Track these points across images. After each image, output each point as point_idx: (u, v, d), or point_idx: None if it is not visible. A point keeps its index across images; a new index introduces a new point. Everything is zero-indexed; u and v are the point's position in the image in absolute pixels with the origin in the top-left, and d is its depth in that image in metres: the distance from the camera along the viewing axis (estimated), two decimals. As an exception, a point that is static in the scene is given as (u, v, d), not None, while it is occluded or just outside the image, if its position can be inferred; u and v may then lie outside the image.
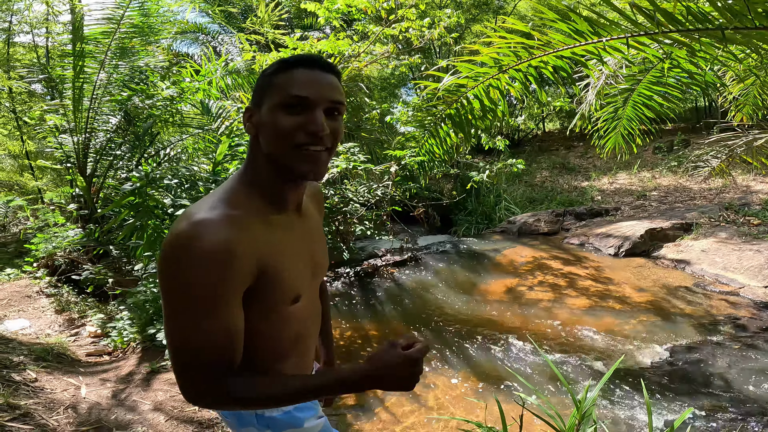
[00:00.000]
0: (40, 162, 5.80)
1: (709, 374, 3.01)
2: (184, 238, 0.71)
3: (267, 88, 0.80)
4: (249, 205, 0.80)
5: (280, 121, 0.77)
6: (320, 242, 0.99)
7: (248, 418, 0.92)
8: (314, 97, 0.77)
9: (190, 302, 0.71)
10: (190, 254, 0.70)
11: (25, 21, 5.81)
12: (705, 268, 4.96)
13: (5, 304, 3.76)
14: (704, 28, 1.86)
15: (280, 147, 0.78)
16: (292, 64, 0.79)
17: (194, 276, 0.70)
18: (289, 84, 0.77)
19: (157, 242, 2.87)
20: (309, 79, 0.78)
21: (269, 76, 0.80)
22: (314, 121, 0.77)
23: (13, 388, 2.18)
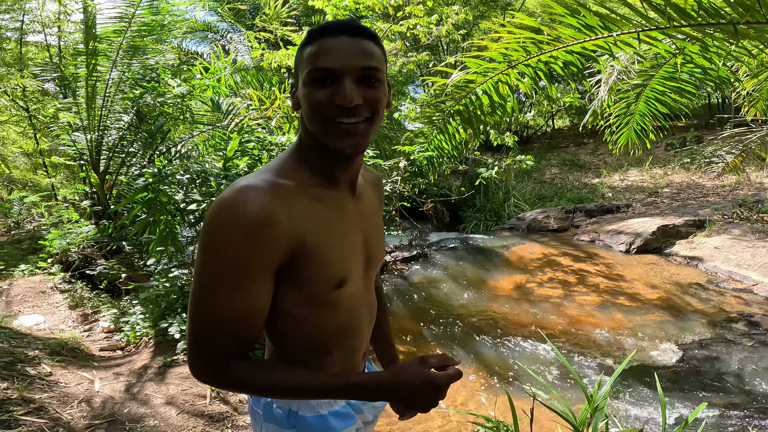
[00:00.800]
0: (54, 159, 5.89)
1: (721, 371, 2.99)
2: (224, 202, 0.69)
3: (299, 62, 0.77)
4: (296, 178, 0.77)
5: (311, 95, 0.73)
6: (377, 231, 0.93)
7: (277, 412, 0.86)
8: (339, 66, 0.72)
9: (216, 272, 0.69)
10: (225, 219, 0.68)
11: (37, 20, 5.89)
12: (718, 265, 4.90)
13: (20, 299, 3.83)
14: (716, 22, 1.83)
15: (315, 122, 0.75)
16: (318, 33, 0.74)
17: (225, 243, 0.67)
18: (314, 56, 0.73)
19: (169, 237, 2.91)
20: (335, 47, 0.72)
21: (300, 49, 0.77)
22: (340, 93, 0.71)
23: (28, 382, 2.23)
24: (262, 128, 4.01)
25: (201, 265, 0.70)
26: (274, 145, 3.42)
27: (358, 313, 0.89)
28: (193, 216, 3.00)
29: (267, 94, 4.68)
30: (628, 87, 3.71)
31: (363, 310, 0.90)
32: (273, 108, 4.41)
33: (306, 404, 0.86)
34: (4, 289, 3.97)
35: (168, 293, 2.99)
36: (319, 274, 0.76)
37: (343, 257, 0.80)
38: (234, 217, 0.67)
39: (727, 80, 3.85)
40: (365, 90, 0.74)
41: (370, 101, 0.74)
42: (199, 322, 0.71)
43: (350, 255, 0.83)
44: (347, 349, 0.89)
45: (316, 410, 0.86)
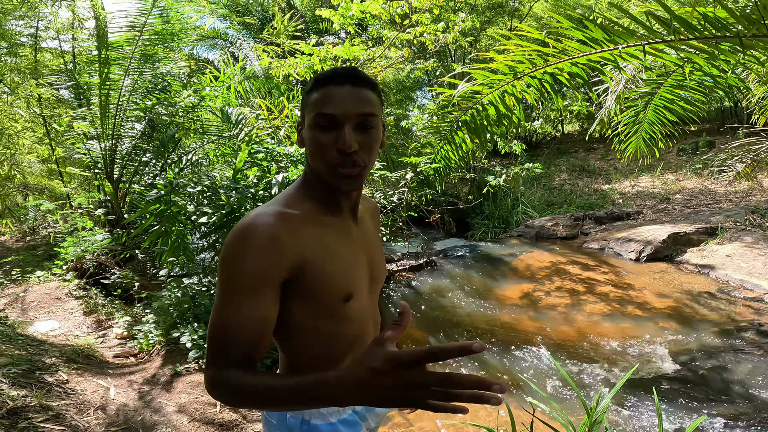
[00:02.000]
0: (69, 169, 6.01)
1: (729, 381, 2.97)
2: (239, 229, 0.78)
3: (305, 105, 0.85)
4: (302, 207, 0.85)
5: (315, 138, 0.81)
6: (378, 253, 1.01)
7: (290, 422, 0.92)
8: (341, 113, 0.79)
9: (231, 286, 0.76)
10: (239, 242, 0.76)
11: (51, 27, 6.01)
12: (729, 274, 4.84)
13: (36, 305, 3.92)
14: (722, 35, 1.84)
15: (318, 164, 0.83)
16: (325, 80, 0.82)
17: (238, 262, 0.76)
18: (320, 102, 0.80)
19: (180, 248, 2.97)
20: (338, 95, 0.80)
21: (307, 93, 0.85)
22: (341, 138, 0.79)
23: (46, 390, 2.29)
24: (270, 138, 4.07)
25: (218, 280, 0.79)
26: (282, 155, 3.47)
27: (366, 325, 0.96)
28: (205, 227, 3.06)
29: (275, 102, 4.75)
30: (636, 96, 3.71)
31: (369, 323, 0.97)
32: (281, 117, 4.47)
33: (318, 413, 0.92)
34: (20, 296, 4.07)
35: (180, 302, 3.05)
36: (326, 289, 0.83)
37: (349, 274, 0.88)
38: (246, 238, 0.76)
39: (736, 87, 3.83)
40: (362, 135, 0.82)
41: (365, 146, 0.82)
42: (214, 327, 0.77)
43: (356, 272, 0.90)
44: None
45: (327, 419, 0.92)
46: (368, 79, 0.84)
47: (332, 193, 0.88)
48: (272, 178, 3.24)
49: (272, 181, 3.23)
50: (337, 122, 0.80)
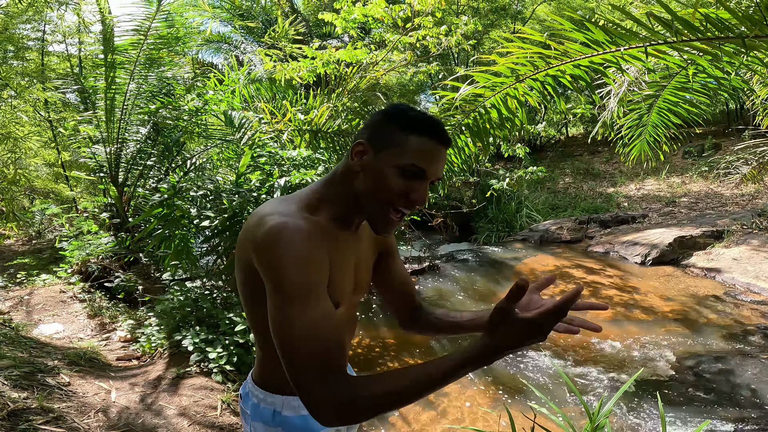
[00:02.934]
0: (75, 173, 6.05)
1: (736, 385, 2.94)
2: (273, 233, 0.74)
3: (393, 141, 0.82)
4: (317, 214, 0.85)
5: (393, 180, 0.81)
6: (366, 264, 1.02)
7: (263, 412, 0.94)
8: (430, 172, 0.82)
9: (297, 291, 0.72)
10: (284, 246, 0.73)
11: (58, 31, 6.05)
12: (736, 277, 4.79)
13: (40, 308, 3.94)
14: (724, 36, 1.83)
15: (378, 200, 0.83)
16: (431, 132, 0.82)
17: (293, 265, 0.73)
18: (417, 152, 0.80)
19: (183, 252, 2.97)
20: (432, 152, 0.82)
21: (401, 130, 0.82)
22: (421, 194, 0.82)
23: (47, 392, 2.29)
24: (273, 142, 4.08)
25: (279, 292, 0.73)
26: (285, 159, 3.47)
27: (346, 330, 0.99)
28: (207, 231, 3.06)
29: (278, 106, 4.77)
30: (640, 98, 3.69)
31: (346, 327, 1.00)
32: (284, 121, 4.49)
33: (289, 405, 0.94)
34: (25, 298, 4.09)
35: (182, 306, 3.05)
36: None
37: (341, 284, 0.89)
38: (290, 242, 0.74)
39: (741, 89, 3.80)
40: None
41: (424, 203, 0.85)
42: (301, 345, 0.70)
43: (346, 282, 0.93)
44: None
45: (298, 411, 0.94)
46: (450, 141, 0.86)
47: (351, 212, 0.88)
48: (275, 182, 3.24)
49: (275, 185, 3.24)
50: (422, 176, 0.82)
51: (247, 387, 1.01)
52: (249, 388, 0.99)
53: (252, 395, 0.98)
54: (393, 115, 0.84)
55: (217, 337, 2.82)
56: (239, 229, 3.14)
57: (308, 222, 0.80)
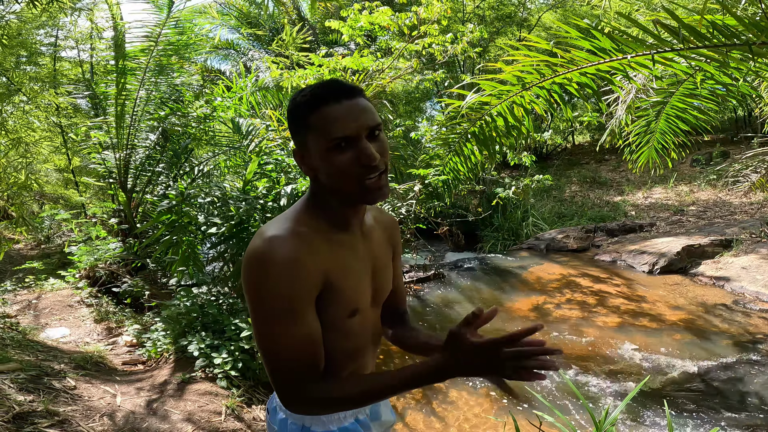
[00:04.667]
0: (85, 179, 6.12)
1: (744, 393, 2.92)
2: (259, 253, 0.78)
3: (306, 131, 0.83)
4: (313, 225, 0.86)
5: (335, 162, 0.80)
6: (385, 268, 1.02)
7: (291, 428, 0.95)
8: (354, 131, 0.79)
9: (270, 312, 0.78)
10: (264, 267, 0.77)
11: (70, 36, 6.14)
12: (745, 286, 4.74)
13: (47, 312, 3.97)
14: (731, 43, 1.83)
15: (344, 185, 0.82)
16: (319, 100, 0.80)
17: (270, 287, 0.77)
18: (327, 126, 0.79)
19: (190, 258, 2.99)
20: (342, 114, 0.79)
21: (302, 119, 0.82)
22: (366, 152, 0.79)
23: (53, 396, 2.30)
24: (280, 149, 4.10)
25: (257, 310, 0.80)
26: (291, 167, 3.49)
27: (364, 339, 0.98)
28: (214, 237, 3.08)
29: (285, 114, 4.80)
30: (647, 105, 3.67)
31: (369, 335, 0.99)
32: (292, 128, 4.51)
33: (318, 420, 0.94)
34: (32, 302, 4.13)
35: (189, 311, 3.06)
36: (336, 305, 0.87)
37: (356, 290, 0.90)
38: (270, 262, 0.77)
39: (749, 96, 3.78)
40: (375, 144, 0.82)
41: (382, 153, 0.83)
42: (273, 358, 0.80)
43: (363, 289, 0.93)
44: (358, 366, 0.98)
45: (327, 426, 0.94)
46: (356, 88, 0.84)
47: (344, 210, 0.89)
48: (281, 190, 3.26)
49: (281, 193, 3.26)
50: (353, 140, 0.80)
51: (274, 401, 1.01)
52: (276, 402, 1.00)
53: (280, 409, 0.98)
54: (291, 112, 0.85)
55: (223, 343, 2.82)
56: (246, 236, 3.16)
57: (297, 238, 0.81)
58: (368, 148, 0.79)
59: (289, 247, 0.79)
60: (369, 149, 0.79)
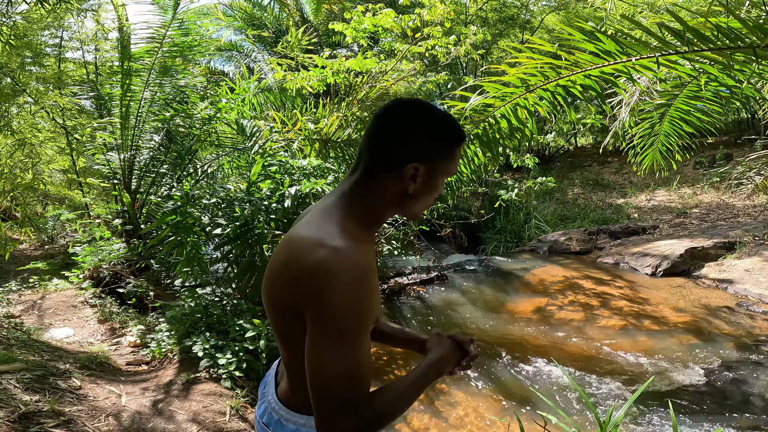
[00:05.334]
0: (89, 180, 6.14)
1: (748, 394, 2.92)
2: (330, 265, 0.74)
3: (444, 157, 0.88)
4: (356, 234, 0.84)
5: (439, 190, 0.90)
6: None
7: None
8: None
9: (341, 328, 0.74)
10: (338, 280, 0.74)
11: (76, 38, 6.15)
12: (748, 288, 4.73)
13: (52, 312, 3.99)
14: (735, 46, 1.83)
15: (424, 206, 0.91)
16: (462, 138, 0.90)
17: (346, 301, 0.74)
18: (456, 159, 0.90)
19: (194, 259, 3.00)
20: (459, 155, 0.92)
21: (450, 144, 0.88)
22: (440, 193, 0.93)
23: (59, 396, 2.31)
24: (284, 151, 4.12)
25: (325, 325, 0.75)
26: (296, 168, 3.50)
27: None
28: (218, 238, 3.09)
29: (289, 116, 4.82)
30: (651, 107, 3.68)
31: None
32: (295, 130, 4.53)
33: None
34: (37, 303, 4.15)
35: (193, 312, 3.07)
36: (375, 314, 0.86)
37: (378, 299, 0.91)
38: (343, 275, 0.74)
39: (753, 98, 3.78)
40: None
41: None
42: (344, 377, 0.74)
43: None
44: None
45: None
46: None
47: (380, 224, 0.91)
48: (285, 191, 3.28)
49: (285, 194, 3.27)
50: None
51: (276, 413, 0.93)
52: (280, 414, 0.92)
53: (286, 421, 0.92)
54: (440, 128, 0.86)
55: (227, 344, 2.83)
56: (250, 237, 3.17)
57: (358, 249, 0.79)
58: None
59: (359, 260, 0.77)
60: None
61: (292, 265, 0.79)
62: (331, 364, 0.74)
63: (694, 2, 5.37)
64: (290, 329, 0.84)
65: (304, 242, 0.79)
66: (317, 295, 0.74)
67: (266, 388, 1.01)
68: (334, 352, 0.74)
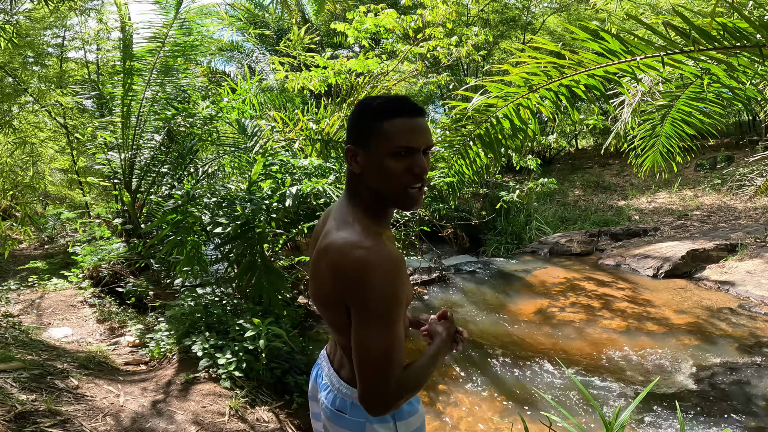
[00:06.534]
0: (90, 179, 6.12)
1: (751, 395, 2.91)
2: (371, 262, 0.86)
3: (373, 134, 0.93)
4: (374, 228, 0.95)
5: (390, 166, 0.92)
6: None
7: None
8: (416, 144, 0.92)
9: (388, 317, 0.87)
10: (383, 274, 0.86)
11: (78, 37, 6.14)
12: (750, 290, 4.72)
13: (50, 312, 3.96)
14: (742, 45, 1.82)
15: (391, 188, 0.94)
16: (393, 112, 0.92)
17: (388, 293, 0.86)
18: (395, 134, 0.92)
19: (195, 258, 2.98)
20: (410, 128, 0.92)
21: (373, 121, 0.93)
22: (419, 165, 0.93)
23: (56, 395, 2.29)
24: (285, 150, 4.10)
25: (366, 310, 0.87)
26: (296, 168, 3.49)
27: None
28: (219, 238, 3.07)
29: (290, 116, 4.80)
30: (653, 108, 3.66)
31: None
32: (296, 130, 4.52)
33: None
34: (35, 302, 4.12)
35: (192, 312, 3.05)
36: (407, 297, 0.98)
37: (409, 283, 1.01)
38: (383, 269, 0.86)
39: (755, 99, 3.77)
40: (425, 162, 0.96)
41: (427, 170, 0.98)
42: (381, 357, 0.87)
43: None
44: None
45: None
46: (424, 110, 0.98)
47: (386, 210, 1.00)
48: (286, 191, 3.26)
49: (286, 194, 3.25)
50: (412, 151, 0.93)
51: (348, 398, 1.04)
52: (354, 397, 1.02)
53: (348, 397, 1.04)
54: (363, 111, 0.95)
55: (227, 344, 2.81)
56: (251, 236, 3.15)
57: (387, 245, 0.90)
58: (423, 161, 0.93)
59: (393, 254, 0.88)
60: (423, 162, 0.93)
61: (335, 269, 0.90)
62: (373, 344, 0.86)
63: (696, 3, 5.36)
64: (343, 321, 0.95)
65: (343, 248, 0.90)
66: (361, 289, 0.86)
67: (321, 379, 1.14)
68: (375, 333, 0.86)
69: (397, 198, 0.95)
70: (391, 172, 0.92)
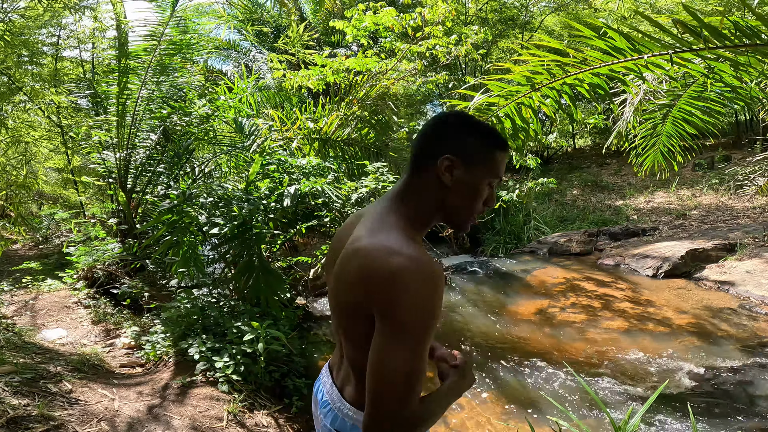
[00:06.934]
0: (84, 178, 6.05)
1: (755, 396, 2.89)
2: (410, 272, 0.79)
3: (484, 158, 0.93)
4: (417, 239, 0.93)
5: (482, 192, 0.94)
6: None
7: None
8: (500, 179, 0.96)
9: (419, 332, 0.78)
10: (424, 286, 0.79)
11: (73, 36, 6.07)
12: (750, 290, 4.70)
13: (44, 313, 3.90)
14: (752, 43, 1.78)
15: (469, 211, 0.94)
16: (502, 145, 0.95)
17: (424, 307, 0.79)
18: (498, 166, 0.94)
19: (191, 259, 2.92)
20: (504, 164, 0.96)
21: (488, 146, 0.93)
22: (492, 199, 0.96)
23: (49, 399, 2.23)
24: (282, 150, 4.05)
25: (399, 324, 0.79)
26: (294, 167, 3.44)
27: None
28: (216, 238, 3.02)
29: (288, 115, 4.75)
30: (655, 107, 3.63)
31: None
32: (294, 129, 4.46)
33: None
34: (29, 303, 4.06)
35: (189, 314, 3.00)
36: None
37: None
38: (429, 281, 0.80)
39: (757, 99, 3.74)
40: None
41: None
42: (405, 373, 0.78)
43: None
44: None
45: None
46: None
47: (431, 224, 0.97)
48: (284, 190, 3.21)
49: (284, 193, 3.20)
50: (494, 185, 0.96)
51: (350, 419, 0.95)
52: (355, 418, 0.95)
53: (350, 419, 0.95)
54: (480, 131, 0.93)
55: (224, 346, 2.76)
56: (248, 237, 3.10)
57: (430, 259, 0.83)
58: (495, 196, 0.96)
59: (435, 266, 0.82)
60: (495, 197, 0.96)
61: (365, 273, 0.82)
62: (397, 365, 0.77)
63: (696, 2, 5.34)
64: (360, 331, 0.87)
65: (377, 251, 0.83)
66: (395, 300, 0.78)
67: (322, 395, 1.05)
68: (401, 353, 0.77)
69: (464, 221, 0.96)
70: (479, 197, 0.93)
